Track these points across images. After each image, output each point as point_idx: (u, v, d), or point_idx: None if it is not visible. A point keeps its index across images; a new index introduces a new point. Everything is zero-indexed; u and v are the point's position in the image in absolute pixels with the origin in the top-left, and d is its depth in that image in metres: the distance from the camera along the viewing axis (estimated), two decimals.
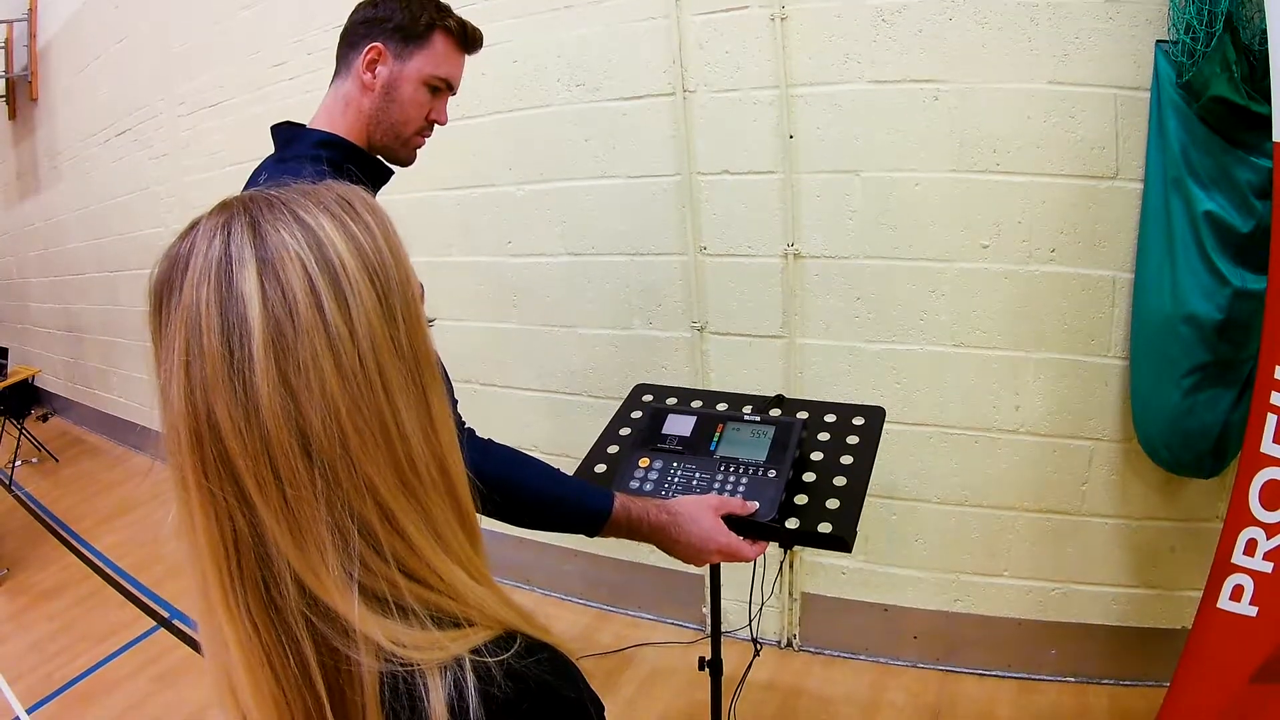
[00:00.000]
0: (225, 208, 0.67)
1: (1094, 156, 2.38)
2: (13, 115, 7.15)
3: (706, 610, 3.28)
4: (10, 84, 6.96)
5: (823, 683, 2.96)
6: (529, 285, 3.36)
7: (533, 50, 3.08)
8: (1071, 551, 2.70)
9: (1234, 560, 1.89)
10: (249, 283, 0.62)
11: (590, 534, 1.51)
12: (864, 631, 3.03)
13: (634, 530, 1.51)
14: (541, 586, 3.74)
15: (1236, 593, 1.88)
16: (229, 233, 0.64)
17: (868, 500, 2.80)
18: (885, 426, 2.72)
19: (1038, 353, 2.58)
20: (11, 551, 4.82)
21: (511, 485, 1.46)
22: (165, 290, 0.65)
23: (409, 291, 0.70)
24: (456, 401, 1.39)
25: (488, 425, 3.58)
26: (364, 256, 0.67)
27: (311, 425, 0.63)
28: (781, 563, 3.02)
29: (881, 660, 3.01)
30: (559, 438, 3.44)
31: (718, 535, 1.52)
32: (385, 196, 1.70)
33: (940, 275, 2.62)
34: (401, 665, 0.64)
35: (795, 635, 3.13)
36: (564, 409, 3.42)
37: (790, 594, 3.09)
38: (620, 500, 1.50)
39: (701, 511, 1.53)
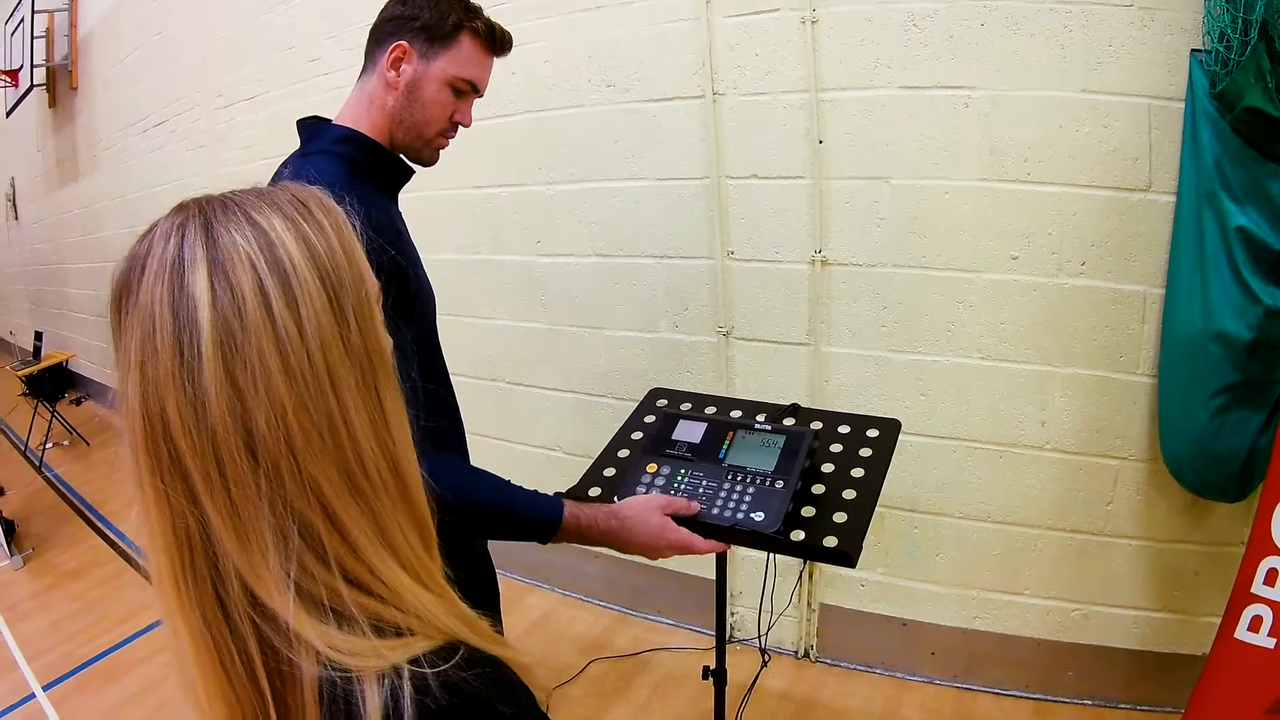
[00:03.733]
0: (182, 209, 0.68)
1: (1127, 168, 2.33)
2: (53, 103, 7.27)
3: (726, 617, 3.26)
4: (51, 73, 7.08)
5: (838, 695, 2.92)
6: (557, 285, 3.36)
7: (564, 50, 3.08)
8: (1093, 572, 2.64)
9: (1253, 590, 1.83)
10: (199, 283, 0.63)
11: (542, 541, 1.54)
12: (881, 645, 3.00)
13: (584, 537, 1.54)
14: (562, 587, 3.74)
15: (1255, 623, 1.83)
16: (183, 234, 0.65)
17: (890, 513, 2.81)
18: (909, 438, 2.71)
19: (1066, 368, 2.53)
20: (38, 531, 4.90)
21: (463, 498, 1.48)
22: (124, 290, 0.66)
23: (363, 291, 0.70)
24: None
25: (514, 424, 3.63)
26: (315, 257, 0.67)
27: (257, 424, 0.63)
28: (801, 573, 2.99)
29: (898, 675, 2.97)
30: (583, 439, 3.43)
31: (666, 533, 1.55)
32: (417, 194, 1.70)
33: (969, 286, 2.58)
34: (339, 671, 0.63)
35: (813, 646, 3.09)
36: (589, 410, 3.41)
37: (809, 604, 3.06)
38: (570, 509, 1.53)
39: (648, 512, 1.57)
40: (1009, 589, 2.76)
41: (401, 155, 1.69)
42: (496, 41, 1.69)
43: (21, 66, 7.23)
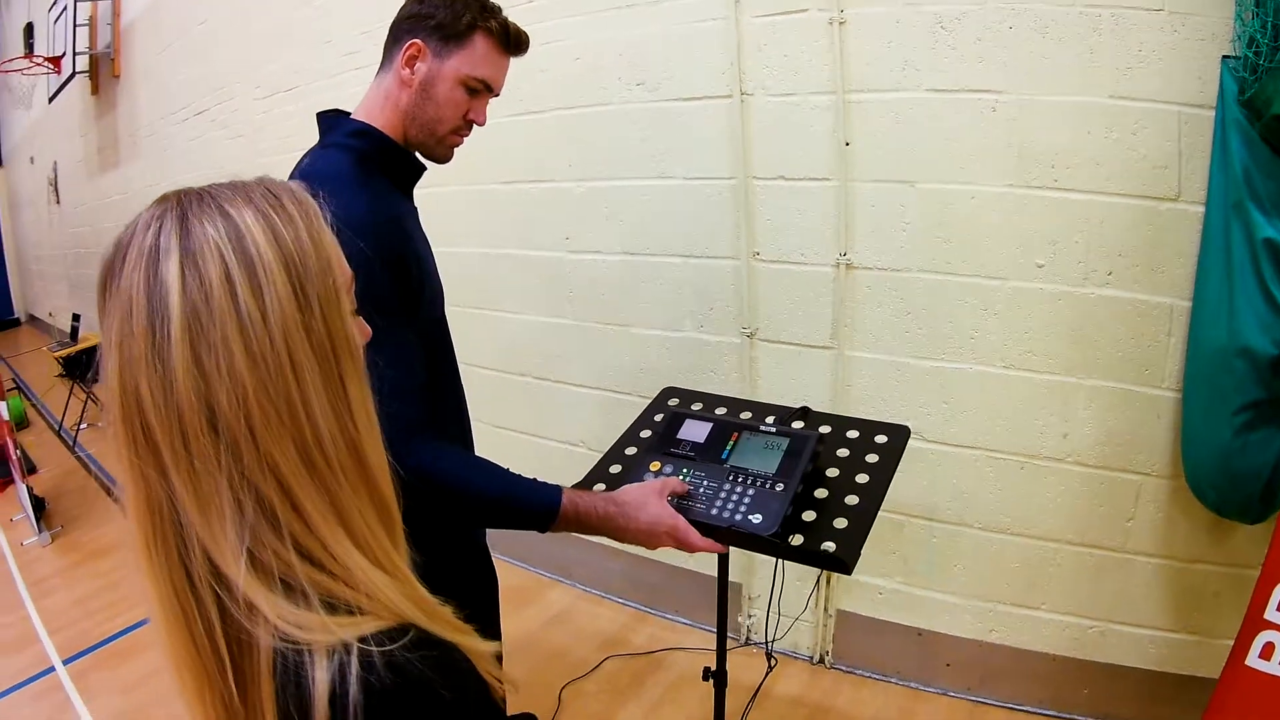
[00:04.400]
0: (163, 201, 0.74)
1: (1155, 176, 2.28)
2: (95, 91, 7.40)
3: (743, 619, 3.24)
4: (93, 60, 7.19)
5: (851, 703, 2.90)
6: (585, 282, 3.36)
7: (593, 48, 3.08)
8: (1112, 589, 2.59)
9: (1266, 616, 1.77)
10: (171, 271, 0.69)
11: (541, 530, 1.54)
12: (897, 654, 2.97)
13: (583, 524, 1.55)
14: (582, 582, 3.75)
15: (1267, 651, 1.77)
16: (161, 224, 0.71)
17: (909, 521, 2.78)
18: (930, 446, 2.69)
19: (1089, 379, 2.49)
20: (68, 510, 5.00)
21: (463, 486, 1.50)
22: (109, 275, 0.72)
23: (329, 280, 0.75)
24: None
25: (540, 419, 3.63)
26: (282, 247, 0.72)
27: (219, 403, 0.68)
28: (818, 578, 2.97)
29: (912, 685, 2.94)
30: (606, 436, 3.40)
31: (664, 518, 1.55)
32: (447, 188, 1.70)
33: (993, 293, 2.55)
34: (291, 644, 0.68)
35: (828, 652, 3.07)
36: (613, 408, 3.40)
37: (825, 610, 3.04)
38: (568, 496, 1.54)
39: (646, 497, 1.57)
40: (1026, 603, 2.72)
41: (415, 152, 1.71)
42: (511, 41, 1.70)
43: (64, 53, 7.35)
